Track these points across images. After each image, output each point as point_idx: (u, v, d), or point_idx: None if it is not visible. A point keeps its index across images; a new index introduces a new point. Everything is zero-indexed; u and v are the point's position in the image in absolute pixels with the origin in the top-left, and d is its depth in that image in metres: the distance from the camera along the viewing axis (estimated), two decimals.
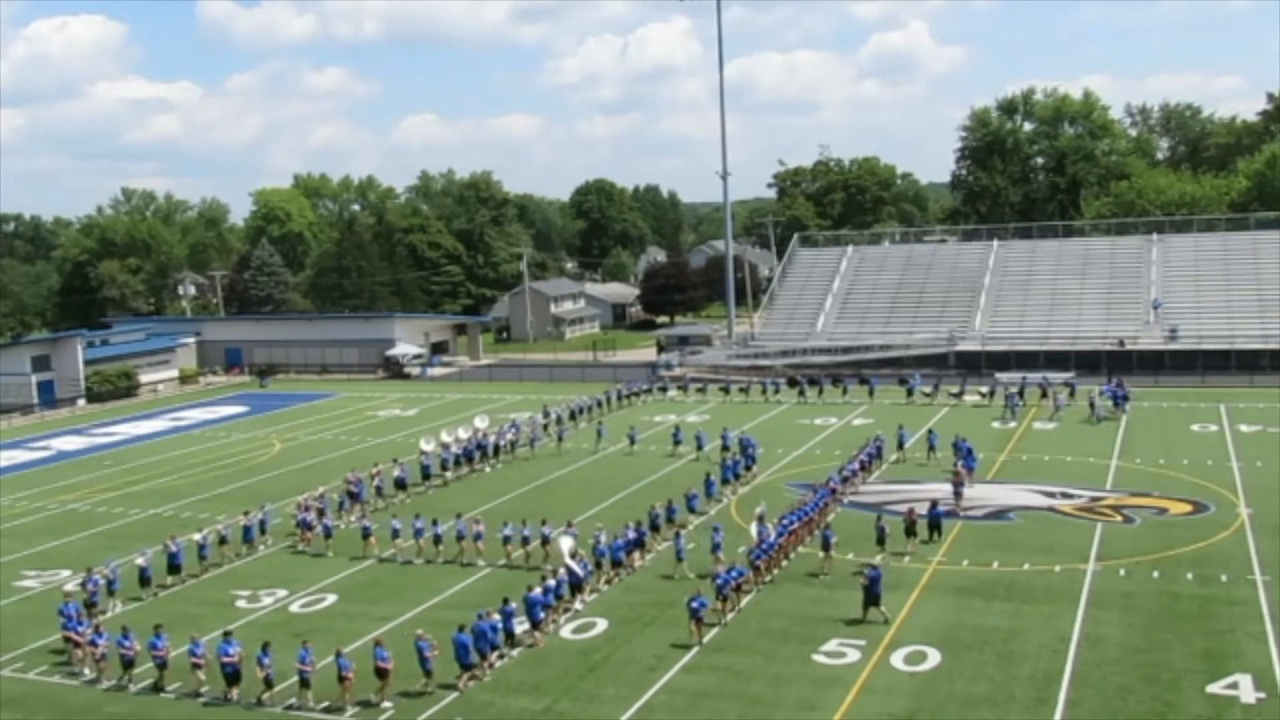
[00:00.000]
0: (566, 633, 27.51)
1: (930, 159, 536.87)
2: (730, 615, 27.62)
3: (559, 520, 34.55)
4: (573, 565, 29.43)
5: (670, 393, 67.32)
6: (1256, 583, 28.99)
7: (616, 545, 31.52)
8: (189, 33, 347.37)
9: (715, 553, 31.15)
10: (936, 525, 33.63)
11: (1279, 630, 25.79)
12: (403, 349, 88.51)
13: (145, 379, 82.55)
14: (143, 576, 31.86)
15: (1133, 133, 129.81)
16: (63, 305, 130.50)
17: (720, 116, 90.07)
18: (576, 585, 29.24)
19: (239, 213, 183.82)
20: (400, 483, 42.50)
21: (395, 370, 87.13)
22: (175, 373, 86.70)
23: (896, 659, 25.00)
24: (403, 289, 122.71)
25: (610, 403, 61.40)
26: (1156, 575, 29.98)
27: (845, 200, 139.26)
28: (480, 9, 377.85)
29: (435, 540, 34.10)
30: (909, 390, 60.55)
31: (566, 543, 30.66)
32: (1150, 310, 74.82)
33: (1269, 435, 48.47)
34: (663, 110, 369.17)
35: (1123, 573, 30.31)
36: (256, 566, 34.69)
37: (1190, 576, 29.77)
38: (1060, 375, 62.57)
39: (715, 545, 31.42)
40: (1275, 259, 75.59)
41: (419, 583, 32.05)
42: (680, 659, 25.54)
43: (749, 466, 43.19)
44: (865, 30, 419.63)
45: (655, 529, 34.17)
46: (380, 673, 23.84)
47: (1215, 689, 22.84)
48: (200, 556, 33.99)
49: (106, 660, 25.86)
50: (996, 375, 65.36)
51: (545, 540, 32.91)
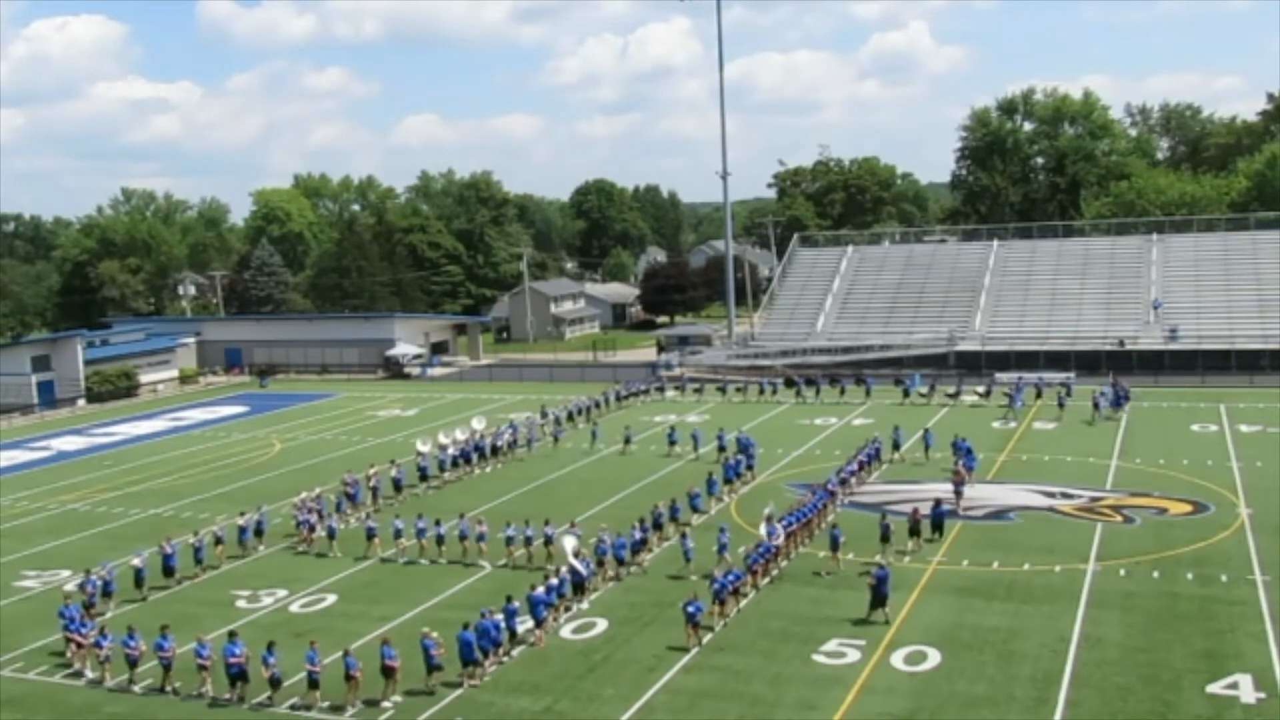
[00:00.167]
0: (567, 633, 27.52)
1: (930, 159, 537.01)
2: (721, 622, 27.25)
3: (561, 520, 34.58)
4: (576, 564, 29.48)
5: (669, 393, 67.38)
6: (1256, 583, 29.02)
7: (619, 544, 31.58)
8: (189, 33, 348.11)
9: (721, 553, 31.15)
10: (939, 524, 33.69)
11: (1279, 630, 25.80)
12: (403, 349, 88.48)
13: (145, 379, 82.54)
14: (138, 578, 31.80)
15: (1133, 133, 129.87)
16: (63, 305, 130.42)
17: (720, 116, 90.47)
18: (580, 585, 29.29)
19: (239, 213, 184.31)
20: (397, 484, 42.49)
21: (395, 370, 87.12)
22: (175, 373, 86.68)
23: (896, 659, 25.01)
24: (403, 289, 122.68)
25: (608, 403, 61.44)
26: (1156, 575, 30.00)
27: (845, 200, 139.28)
28: (480, 9, 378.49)
29: (438, 540, 34.13)
30: (905, 390, 60.62)
31: (570, 542, 30.68)
32: (1150, 310, 74.85)
33: (1269, 435, 48.50)
34: (663, 110, 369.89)
35: (1123, 573, 30.33)
36: (256, 567, 34.68)
37: (1190, 576, 29.78)
38: (1058, 375, 62.60)
39: (721, 546, 31.40)
40: (1275, 259, 75.66)
41: (419, 583, 32.06)
42: (680, 659, 25.54)
43: (750, 466, 43.21)
44: (865, 30, 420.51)
45: (658, 527, 34.24)
46: (387, 671, 23.82)
47: (1215, 689, 22.85)
48: (196, 560, 33.89)
49: (110, 661, 25.81)
50: (995, 375, 65.43)
51: (548, 540, 32.93)
